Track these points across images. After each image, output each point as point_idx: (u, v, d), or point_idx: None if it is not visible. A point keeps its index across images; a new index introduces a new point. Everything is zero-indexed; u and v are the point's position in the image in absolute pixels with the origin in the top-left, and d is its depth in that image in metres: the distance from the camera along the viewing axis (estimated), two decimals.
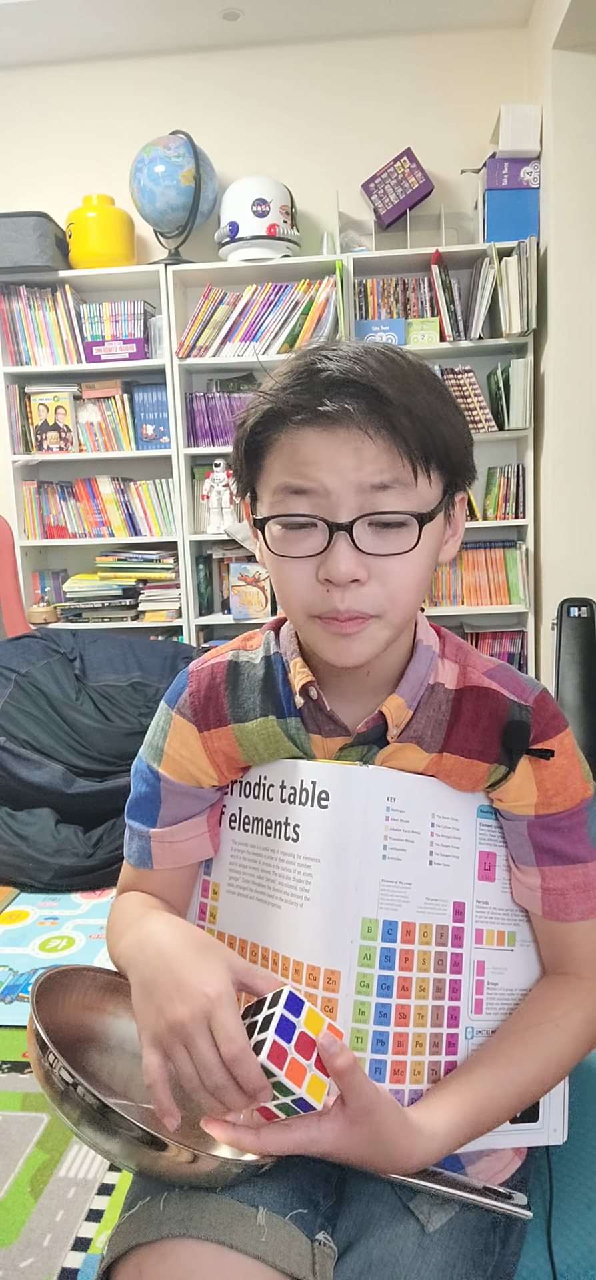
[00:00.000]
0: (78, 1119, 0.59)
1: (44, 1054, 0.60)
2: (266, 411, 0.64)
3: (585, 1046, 0.70)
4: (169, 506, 3.24)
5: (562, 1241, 0.72)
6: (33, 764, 2.38)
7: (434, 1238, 0.65)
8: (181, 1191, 0.63)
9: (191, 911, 0.81)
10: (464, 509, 0.72)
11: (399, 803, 0.68)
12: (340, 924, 0.66)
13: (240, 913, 0.75)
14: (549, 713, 0.71)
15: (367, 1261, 0.63)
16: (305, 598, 0.65)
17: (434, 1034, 0.68)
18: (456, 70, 3.16)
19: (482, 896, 0.72)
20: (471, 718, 0.70)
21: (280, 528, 0.65)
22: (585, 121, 2.80)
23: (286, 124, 3.23)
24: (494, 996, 0.72)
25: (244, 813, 0.76)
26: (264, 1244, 0.61)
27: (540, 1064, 0.68)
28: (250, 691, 0.74)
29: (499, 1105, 0.66)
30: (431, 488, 0.64)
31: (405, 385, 0.62)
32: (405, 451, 0.61)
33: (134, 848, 0.79)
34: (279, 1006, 0.59)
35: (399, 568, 0.63)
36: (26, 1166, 1.35)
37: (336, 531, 0.62)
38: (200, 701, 0.75)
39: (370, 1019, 0.66)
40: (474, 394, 3.03)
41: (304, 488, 0.62)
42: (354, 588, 0.63)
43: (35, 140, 3.30)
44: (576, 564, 2.96)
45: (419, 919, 0.68)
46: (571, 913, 0.71)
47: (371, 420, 0.60)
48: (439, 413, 0.63)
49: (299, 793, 0.70)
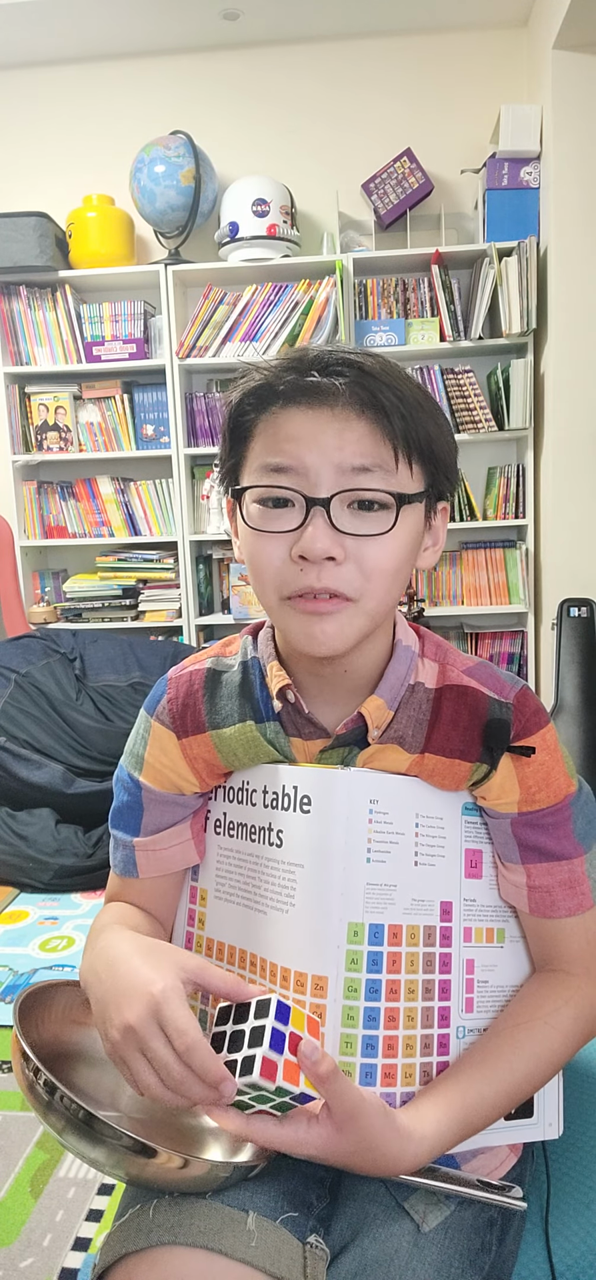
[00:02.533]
0: (62, 1128, 0.59)
1: (26, 1064, 0.60)
2: (256, 385, 0.64)
3: (575, 1043, 0.70)
4: (169, 506, 3.24)
5: (561, 1241, 0.72)
6: (33, 764, 2.38)
7: (429, 1237, 0.64)
8: (171, 1198, 0.63)
9: (180, 918, 0.81)
10: (446, 521, 0.72)
11: (382, 805, 0.68)
12: (326, 929, 0.66)
13: (228, 919, 0.75)
14: (530, 709, 0.70)
15: (362, 1262, 0.63)
16: (278, 575, 0.64)
17: (425, 1035, 0.68)
18: (456, 70, 3.16)
19: (470, 894, 0.72)
20: (452, 717, 0.69)
21: (258, 506, 0.64)
22: (585, 121, 2.80)
23: (286, 124, 3.23)
24: (485, 994, 0.72)
25: (228, 818, 0.76)
26: (253, 1249, 0.60)
27: (530, 1062, 0.67)
28: (228, 698, 0.74)
29: (489, 1104, 0.66)
30: (413, 479, 0.64)
31: (392, 373, 0.63)
32: (388, 433, 0.61)
33: (119, 857, 0.79)
34: (268, 1019, 0.58)
35: (375, 551, 0.63)
36: (26, 1166, 1.35)
37: (313, 507, 0.61)
38: (178, 708, 0.74)
39: (359, 1023, 0.65)
40: (474, 394, 3.03)
41: (284, 465, 0.62)
42: (329, 566, 0.62)
43: (35, 140, 3.30)
44: (576, 564, 2.96)
45: (406, 921, 0.68)
46: (557, 910, 0.70)
47: (357, 396, 0.60)
48: (424, 407, 0.64)
49: (281, 798, 0.70)
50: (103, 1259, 0.63)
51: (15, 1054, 0.62)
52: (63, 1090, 0.58)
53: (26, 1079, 0.60)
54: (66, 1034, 0.73)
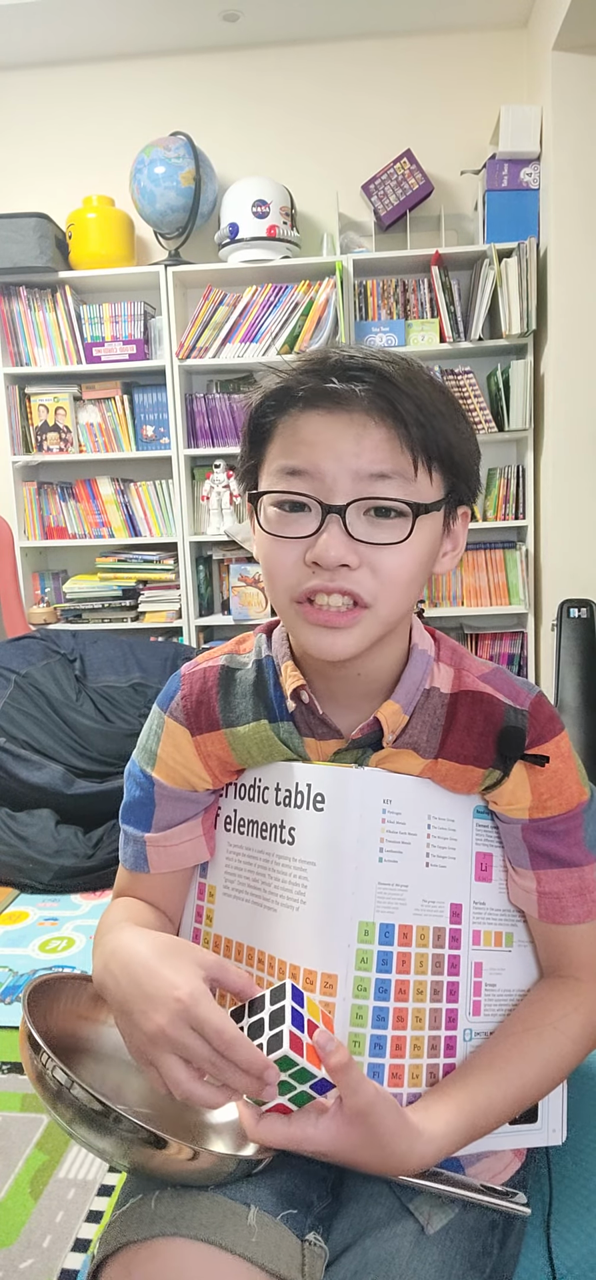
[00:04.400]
0: (71, 1119, 0.59)
1: (37, 1055, 0.60)
2: (276, 389, 0.64)
3: (584, 1049, 0.70)
4: (169, 507, 3.24)
5: (563, 1244, 0.71)
6: (33, 765, 2.38)
7: (430, 1238, 0.64)
8: (173, 1190, 0.63)
9: (187, 914, 0.80)
10: (466, 525, 0.71)
11: (395, 805, 0.68)
12: (336, 927, 0.66)
13: (236, 916, 0.75)
14: (545, 716, 0.70)
15: (363, 1261, 0.63)
16: (290, 577, 0.64)
17: (432, 1037, 0.68)
18: (456, 71, 3.16)
19: (479, 898, 0.72)
20: (466, 723, 0.69)
21: (275, 509, 0.64)
22: (585, 122, 2.80)
23: (286, 124, 3.23)
24: (492, 998, 0.72)
25: (239, 815, 0.76)
26: (253, 1244, 0.61)
27: (539, 1067, 0.67)
28: (242, 696, 0.73)
29: (497, 1108, 0.66)
30: (431, 486, 0.64)
31: (414, 379, 0.62)
32: (406, 441, 0.61)
33: (129, 852, 0.79)
34: (287, 1000, 0.59)
35: (390, 559, 0.62)
36: (26, 1167, 1.35)
37: (329, 514, 0.61)
38: (192, 705, 0.74)
39: (367, 1023, 0.65)
40: (474, 395, 3.03)
41: (300, 468, 0.62)
42: (343, 572, 0.62)
43: (35, 140, 3.30)
44: (576, 564, 2.96)
45: (416, 921, 0.68)
46: (567, 916, 0.70)
47: (376, 404, 0.60)
48: (444, 413, 0.63)
49: (294, 795, 0.70)
50: (103, 1247, 0.63)
51: (24, 1044, 0.62)
52: (77, 1081, 0.58)
53: (36, 1069, 0.60)
54: (72, 1027, 0.73)
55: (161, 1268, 0.59)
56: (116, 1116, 0.57)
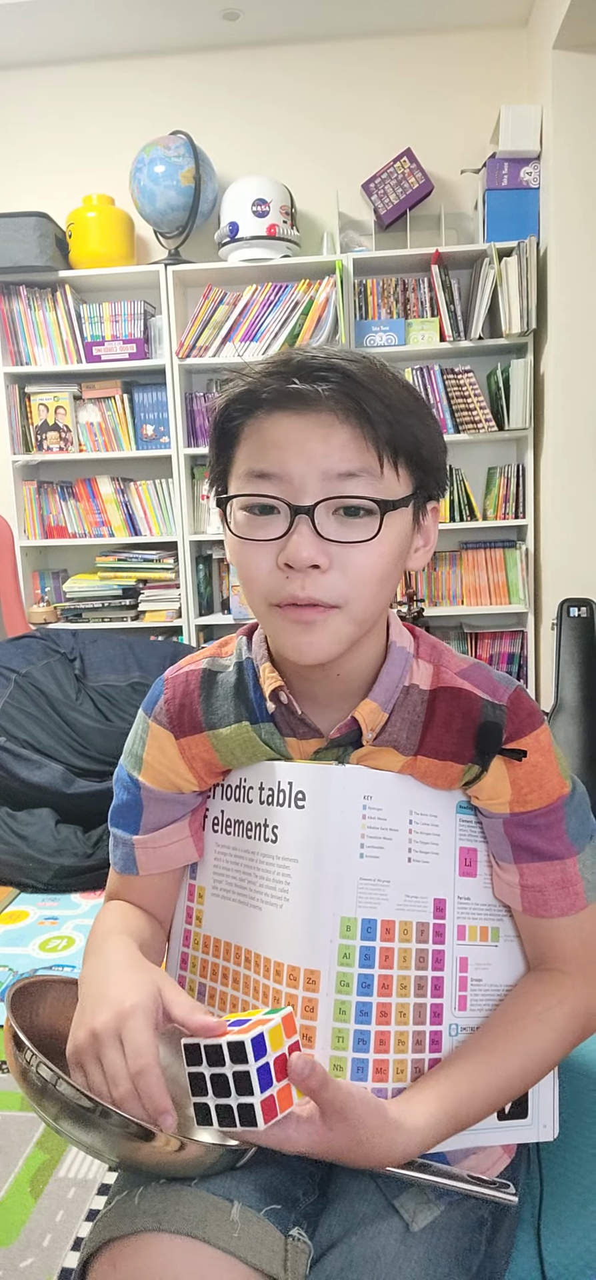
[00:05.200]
0: (57, 1114, 0.59)
1: (21, 1052, 0.60)
2: (241, 392, 0.64)
3: (569, 1042, 0.70)
4: (169, 506, 3.24)
5: (556, 1241, 0.71)
6: (33, 764, 2.38)
7: (417, 1236, 0.64)
8: (157, 1185, 0.63)
9: (178, 916, 0.81)
10: (436, 520, 0.71)
11: (375, 801, 0.68)
12: (319, 923, 0.66)
13: (224, 915, 0.75)
14: (524, 710, 0.70)
15: (349, 1259, 0.63)
16: (265, 584, 0.64)
17: (417, 1032, 0.68)
18: (456, 70, 3.16)
19: (464, 892, 0.72)
20: (445, 719, 0.70)
21: (244, 512, 0.65)
22: (585, 121, 2.80)
23: (286, 124, 3.23)
24: (478, 993, 0.72)
25: (226, 815, 0.77)
26: (236, 1239, 0.61)
27: (522, 1059, 0.67)
28: (224, 698, 0.74)
29: (480, 1099, 0.66)
30: (399, 483, 0.64)
31: (378, 377, 0.62)
32: (372, 439, 0.61)
33: (119, 855, 0.80)
34: (250, 1063, 0.57)
35: (360, 558, 0.63)
36: (26, 1167, 1.36)
37: (298, 515, 0.61)
38: (175, 709, 0.75)
39: (351, 1018, 0.66)
40: (474, 394, 3.03)
41: (268, 471, 0.62)
42: (314, 574, 0.62)
43: (35, 140, 3.30)
44: (576, 564, 2.96)
45: (398, 916, 0.68)
46: (550, 909, 0.70)
47: (341, 403, 0.60)
48: (411, 409, 0.64)
49: (277, 794, 0.71)
50: (89, 1243, 0.64)
51: (7, 1042, 0.63)
52: (62, 1077, 0.58)
53: (20, 1066, 0.61)
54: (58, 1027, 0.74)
55: (145, 1262, 0.60)
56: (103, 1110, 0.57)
